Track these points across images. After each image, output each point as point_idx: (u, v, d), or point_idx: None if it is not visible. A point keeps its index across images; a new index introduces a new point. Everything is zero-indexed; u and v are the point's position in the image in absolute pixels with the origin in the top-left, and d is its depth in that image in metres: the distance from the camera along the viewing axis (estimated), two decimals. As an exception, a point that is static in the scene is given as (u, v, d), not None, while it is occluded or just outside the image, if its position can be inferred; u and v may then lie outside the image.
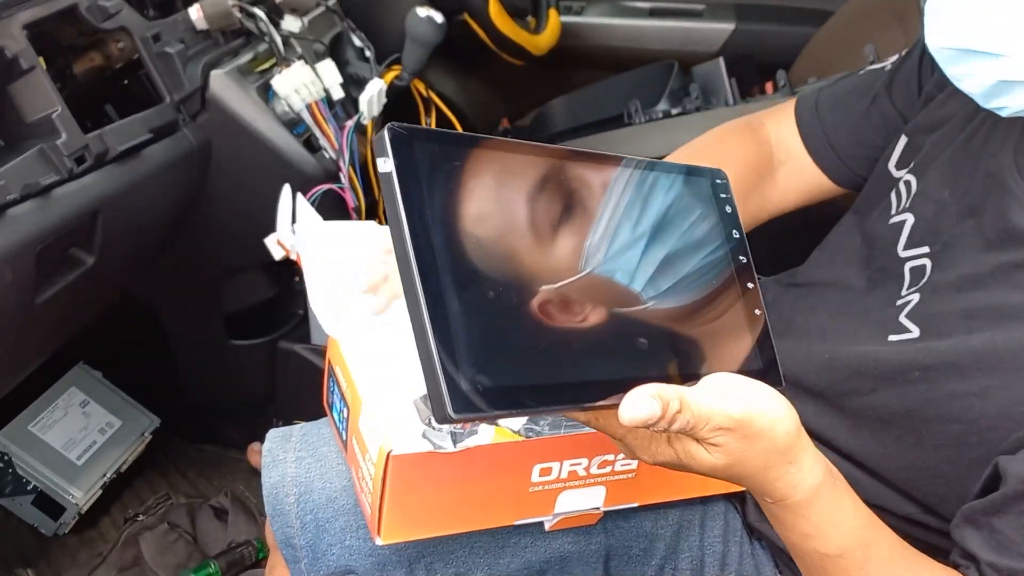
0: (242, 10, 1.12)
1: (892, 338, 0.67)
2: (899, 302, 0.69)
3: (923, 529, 0.66)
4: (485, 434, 0.71)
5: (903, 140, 0.78)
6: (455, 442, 0.71)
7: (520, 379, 0.44)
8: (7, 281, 0.84)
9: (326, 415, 0.82)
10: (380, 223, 1.40)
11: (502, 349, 0.44)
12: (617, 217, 0.50)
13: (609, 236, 0.50)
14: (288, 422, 1.45)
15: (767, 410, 0.49)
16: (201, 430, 1.52)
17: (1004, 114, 0.60)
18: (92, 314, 1.16)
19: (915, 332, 0.66)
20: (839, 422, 0.70)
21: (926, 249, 0.70)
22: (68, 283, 0.97)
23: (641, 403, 0.45)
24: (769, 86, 1.43)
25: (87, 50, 1.08)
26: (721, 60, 1.41)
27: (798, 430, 0.51)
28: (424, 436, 0.71)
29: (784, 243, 0.94)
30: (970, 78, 0.60)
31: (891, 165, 0.78)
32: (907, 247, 0.72)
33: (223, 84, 1.09)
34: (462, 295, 0.43)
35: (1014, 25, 0.55)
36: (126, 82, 1.10)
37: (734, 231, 0.56)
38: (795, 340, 0.76)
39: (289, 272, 1.38)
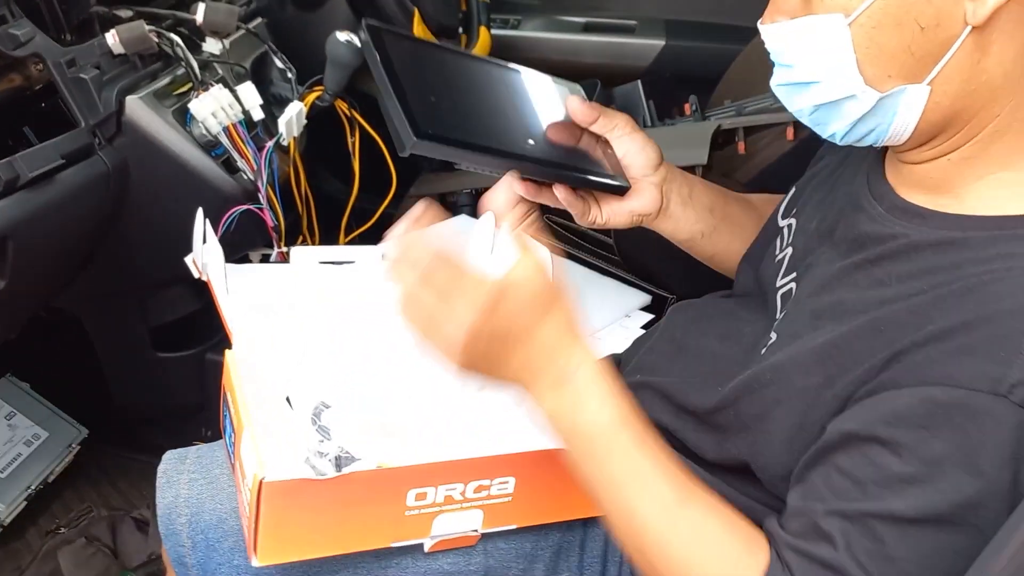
0: (159, 35, 1.14)
1: (762, 350, 0.71)
2: (775, 324, 0.73)
3: None
4: (364, 462, 0.74)
5: (792, 191, 0.83)
6: (339, 467, 0.74)
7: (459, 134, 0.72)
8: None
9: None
10: (305, 241, 1.43)
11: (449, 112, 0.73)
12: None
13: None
14: (216, 433, 1.48)
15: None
16: (131, 440, 1.54)
17: (839, 142, 0.66)
18: (11, 331, 1.18)
19: (773, 336, 0.71)
20: (709, 437, 0.74)
21: (793, 275, 0.75)
22: (-20, 305, 0.99)
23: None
24: (687, 107, 1.48)
25: (7, 71, 1.10)
26: (639, 83, 1.45)
27: (555, 285, 0.63)
28: (307, 462, 0.74)
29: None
30: (800, 111, 0.66)
31: (779, 216, 0.83)
32: (782, 277, 0.77)
33: (138, 108, 1.11)
34: (421, 80, 0.72)
35: (818, 56, 0.62)
36: (44, 105, 1.11)
37: None
38: (685, 362, 0.81)
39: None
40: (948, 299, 0.58)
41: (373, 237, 1.44)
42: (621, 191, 0.82)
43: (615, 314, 1.10)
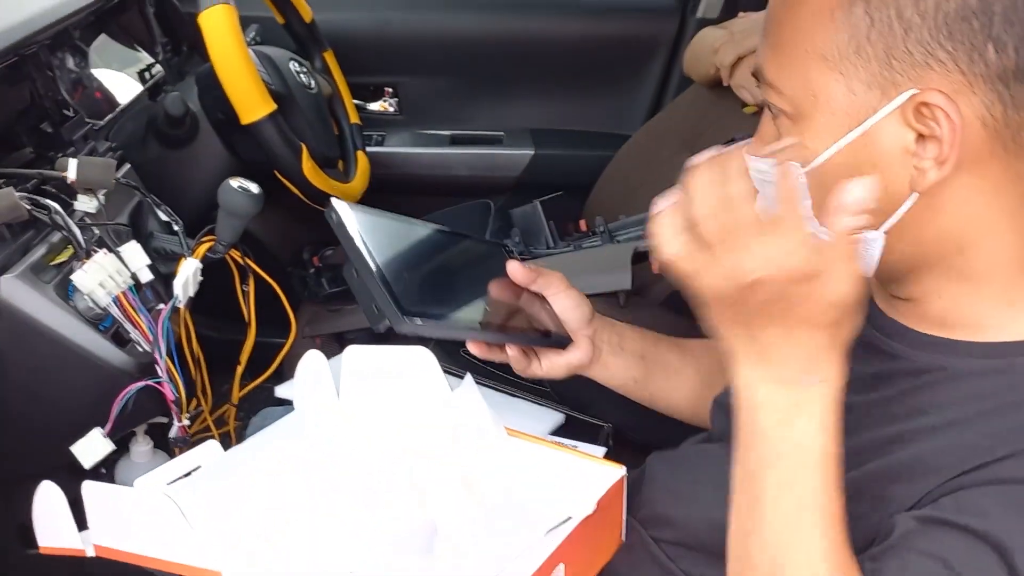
0: (31, 201, 1.00)
1: None
2: None
3: None
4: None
5: None
6: None
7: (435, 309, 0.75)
8: None
9: None
10: (199, 406, 1.29)
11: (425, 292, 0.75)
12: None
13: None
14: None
15: None
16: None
17: None
18: None
19: None
20: None
21: None
22: None
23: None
24: (583, 223, 1.48)
25: None
26: (538, 203, 1.44)
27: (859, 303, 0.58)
28: None
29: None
30: None
31: None
32: None
33: (15, 289, 0.96)
34: (392, 255, 0.73)
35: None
36: None
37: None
38: (692, 510, 0.79)
39: (94, 471, 1.24)
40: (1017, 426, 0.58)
41: (274, 381, 1.34)
42: (564, 345, 0.86)
43: (537, 433, 1.09)
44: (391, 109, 2.00)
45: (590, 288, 1.28)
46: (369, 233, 0.72)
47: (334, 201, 0.70)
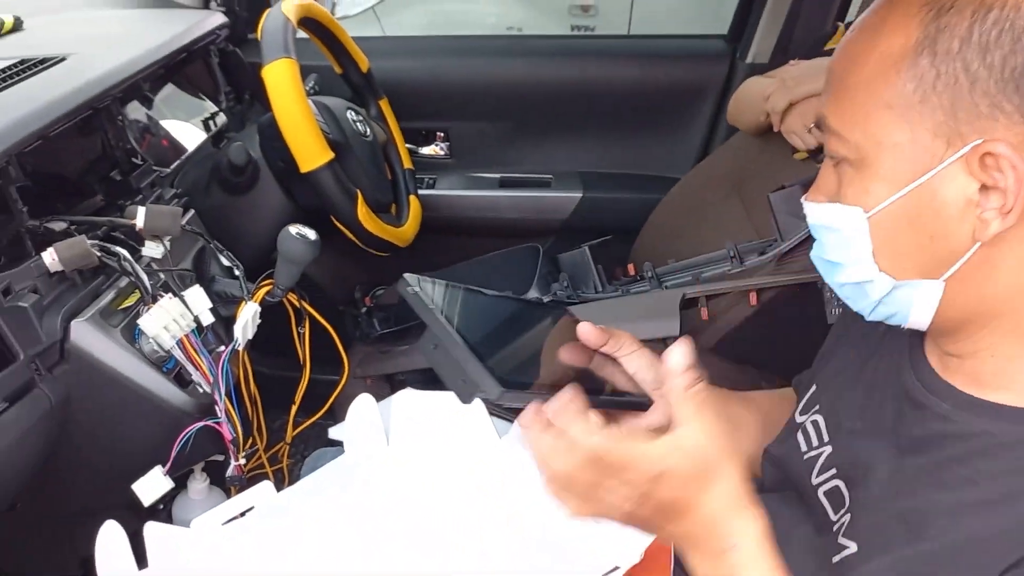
0: (102, 249, 1.05)
1: (835, 558, 0.69)
2: (834, 527, 0.71)
3: None
4: None
5: (812, 388, 0.82)
6: None
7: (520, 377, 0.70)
8: None
9: None
10: (255, 444, 1.32)
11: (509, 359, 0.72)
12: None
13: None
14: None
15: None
16: None
17: (868, 317, 0.68)
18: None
19: (853, 547, 0.68)
20: None
21: (833, 471, 0.74)
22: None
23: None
24: (631, 268, 1.49)
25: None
26: (587, 249, 1.45)
27: (721, 451, 0.63)
28: None
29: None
30: (832, 285, 0.69)
31: (796, 413, 0.82)
32: (819, 474, 0.76)
33: (86, 333, 1.00)
34: (473, 331, 0.70)
35: (840, 240, 0.66)
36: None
37: None
38: None
39: (152, 507, 1.27)
40: None
41: (326, 420, 1.36)
42: (645, 407, 0.82)
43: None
44: (442, 153, 2.04)
45: (638, 334, 1.27)
46: (446, 305, 0.72)
47: (407, 276, 0.71)
